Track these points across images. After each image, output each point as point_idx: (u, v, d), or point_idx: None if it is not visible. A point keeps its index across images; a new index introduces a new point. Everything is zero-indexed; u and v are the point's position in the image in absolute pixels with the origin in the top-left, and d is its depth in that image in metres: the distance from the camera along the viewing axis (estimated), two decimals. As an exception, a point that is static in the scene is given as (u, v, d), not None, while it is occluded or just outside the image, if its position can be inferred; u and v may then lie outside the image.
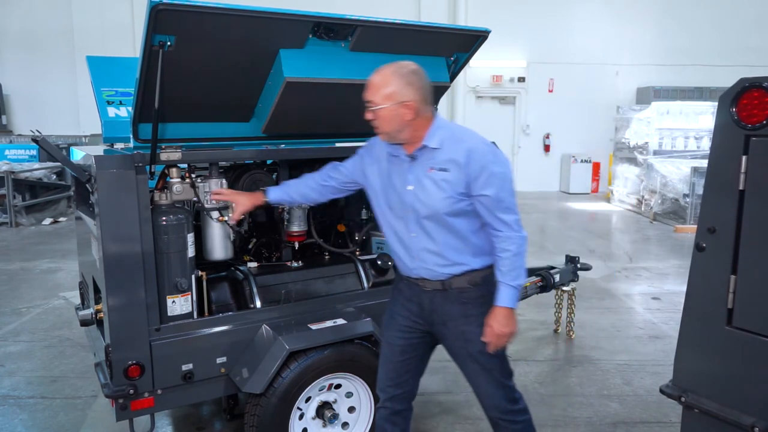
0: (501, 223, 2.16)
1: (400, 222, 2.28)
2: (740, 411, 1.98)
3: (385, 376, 2.47)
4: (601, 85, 14.23)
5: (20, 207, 9.81)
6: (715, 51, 13.92)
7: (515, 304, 2.19)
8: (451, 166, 2.15)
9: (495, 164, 2.14)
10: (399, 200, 2.26)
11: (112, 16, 12.94)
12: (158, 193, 2.60)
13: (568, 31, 13.91)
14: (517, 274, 2.17)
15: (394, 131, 2.17)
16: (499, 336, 2.18)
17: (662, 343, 4.65)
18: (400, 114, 2.13)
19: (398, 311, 2.42)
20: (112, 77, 3.86)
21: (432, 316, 2.32)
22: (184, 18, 2.18)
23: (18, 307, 5.60)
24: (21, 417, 3.54)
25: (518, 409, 2.37)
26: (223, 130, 2.77)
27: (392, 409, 2.47)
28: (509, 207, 2.17)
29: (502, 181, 2.15)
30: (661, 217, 10.06)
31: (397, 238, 2.33)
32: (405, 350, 2.41)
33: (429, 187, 2.18)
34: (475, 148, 2.15)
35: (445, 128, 2.22)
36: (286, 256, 3.14)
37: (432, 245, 2.23)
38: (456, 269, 2.25)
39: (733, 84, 2.00)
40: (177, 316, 2.59)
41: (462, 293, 2.26)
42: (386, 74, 2.13)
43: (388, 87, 2.12)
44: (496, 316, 2.18)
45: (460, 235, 2.22)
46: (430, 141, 2.18)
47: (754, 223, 1.95)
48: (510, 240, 2.16)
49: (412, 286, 2.35)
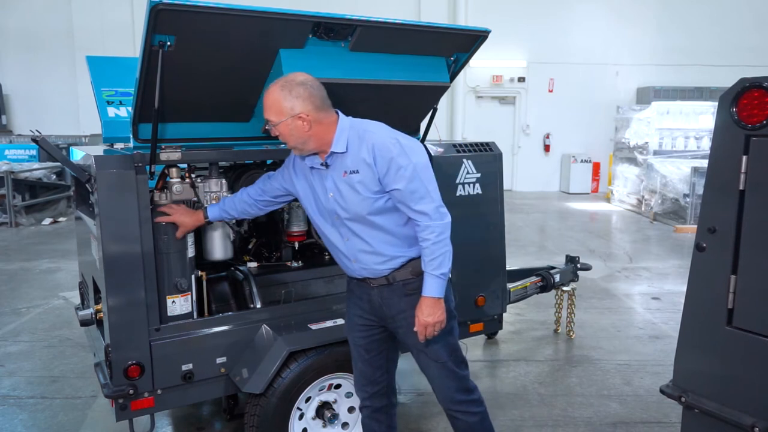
0: (417, 213, 2.16)
1: (332, 229, 2.30)
2: (740, 411, 1.98)
3: (359, 376, 2.50)
4: (601, 85, 14.23)
5: (20, 207, 9.80)
6: (715, 51, 13.92)
7: (441, 293, 2.18)
8: (361, 167, 2.15)
9: (401, 156, 2.12)
10: (325, 208, 2.28)
11: (112, 16, 12.93)
12: (158, 193, 2.60)
13: (568, 31, 13.91)
14: (440, 263, 2.16)
15: (300, 144, 2.18)
16: (426, 326, 2.18)
17: (662, 343, 4.65)
18: (297, 127, 2.13)
19: (353, 311, 2.44)
20: (112, 77, 3.85)
21: (382, 310, 2.34)
22: (184, 18, 2.18)
23: (18, 307, 5.60)
24: (21, 417, 3.53)
25: (472, 399, 2.38)
26: (223, 130, 2.77)
27: (373, 407, 2.51)
28: (423, 196, 2.14)
29: (413, 172, 2.12)
30: (661, 217, 10.06)
31: (333, 245, 2.35)
32: (369, 348, 2.44)
33: (345, 191, 2.19)
34: (379, 143, 2.14)
35: (350, 129, 2.21)
36: (286, 256, 3.14)
37: (365, 246, 2.25)
38: (395, 263, 2.27)
39: (733, 84, 2.00)
40: (177, 316, 2.59)
41: (406, 284, 2.28)
42: (274, 91, 2.13)
43: (277, 103, 2.13)
44: (422, 306, 2.19)
45: (388, 231, 2.23)
46: (336, 146, 2.18)
47: (754, 223, 1.95)
48: (429, 229, 2.15)
49: (360, 285, 2.37)
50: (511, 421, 3.43)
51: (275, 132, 2.18)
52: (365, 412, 2.54)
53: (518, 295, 4.14)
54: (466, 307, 3.36)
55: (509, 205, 8.01)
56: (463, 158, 3.26)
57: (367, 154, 2.14)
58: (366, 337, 2.43)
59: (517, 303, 4.46)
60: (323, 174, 2.26)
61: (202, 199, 2.70)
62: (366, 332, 2.43)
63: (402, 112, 3.04)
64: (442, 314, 2.20)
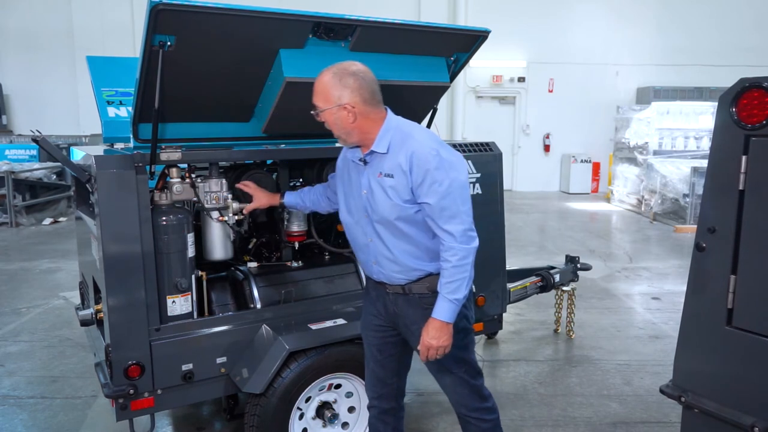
0: (444, 232, 2.06)
1: (357, 227, 2.27)
2: (740, 411, 1.98)
3: (369, 376, 2.47)
4: (601, 85, 14.23)
5: (20, 207, 9.80)
6: (715, 51, 13.92)
7: (452, 319, 2.08)
8: (396, 172, 2.09)
9: (439, 170, 2.02)
10: (356, 205, 2.24)
11: (112, 16, 12.94)
12: (158, 193, 2.60)
13: (568, 31, 13.91)
14: (456, 287, 2.05)
15: (343, 134, 2.14)
16: (428, 348, 2.10)
17: (662, 343, 4.65)
18: (342, 117, 2.09)
19: (369, 310, 2.42)
20: (112, 77, 3.86)
21: (396, 318, 2.30)
22: (184, 18, 2.18)
23: (18, 307, 5.60)
24: (21, 417, 3.53)
25: (486, 407, 2.35)
26: (223, 130, 2.77)
27: (381, 408, 2.47)
28: (454, 216, 2.04)
29: (447, 188, 2.03)
30: (661, 217, 10.05)
31: (356, 243, 2.32)
32: (382, 349, 2.41)
33: (378, 192, 2.14)
34: (419, 152, 2.04)
35: (396, 130, 2.14)
36: (286, 256, 3.14)
37: (387, 252, 2.19)
38: (412, 275, 2.20)
39: (733, 84, 2.00)
40: (177, 316, 2.59)
41: (423, 298, 2.21)
42: (325, 77, 2.09)
43: (326, 90, 2.09)
44: (429, 328, 2.09)
45: (413, 241, 2.16)
46: (377, 146, 2.13)
47: (754, 223, 1.95)
48: (452, 251, 2.05)
49: (377, 287, 2.33)
50: (511, 421, 3.43)
51: (320, 119, 2.13)
52: (373, 412, 2.51)
53: (518, 295, 4.14)
54: (466, 307, 3.36)
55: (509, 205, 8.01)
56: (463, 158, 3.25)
57: (404, 161, 2.06)
58: (380, 337, 2.39)
59: (517, 303, 4.46)
60: (360, 170, 2.21)
61: (203, 199, 2.70)
62: (380, 333, 2.39)
63: (402, 112, 3.02)
64: (447, 339, 2.10)
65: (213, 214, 2.75)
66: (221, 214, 2.76)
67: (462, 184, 2.08)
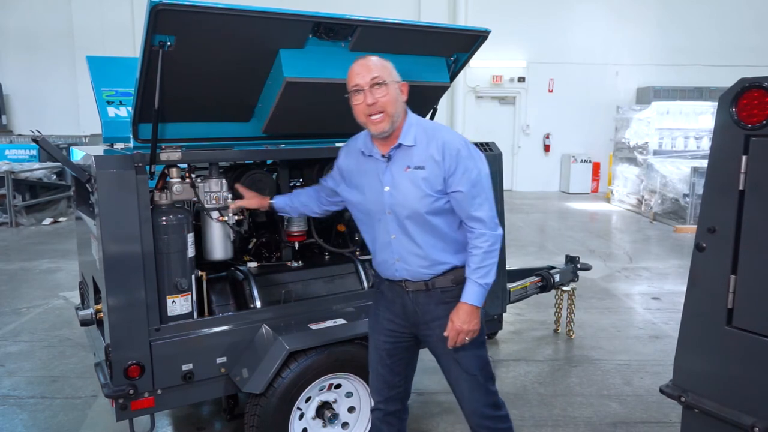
0: (474, 219, 2.13)
1: (378, 225, 2.25)
2: (740, 411, 1.98)
3: (376, 380, 2.45)
4: (601, 85, 14.23)
5: (20, 207, 9.80)
6: (715, 51, 13.92)
7: (480, 303, 2.15)
8: (428, 163, 2.12)
9: (469, 159, 2.12)
10: (376, 202, 2.22)
11: (112, 16, 12.93)
12: (158, 193, 2.60)
13: (568, 31, 13.91)
14: (486, 272, 2.13)
15: (395, 113, 2.13)
16: (459, 332, 2.14)
17: (662, 343, 4.65)
18: (398, 95, 2.14)
19: (382, 314, 2.38)
20: (112, 77, 3.86)
21: (415, 317, 2.29)
22: (184, 18, 2.18)
23: (18, 307, 5.60)
24: (21, 417, 3.53)
25: (500, 415, 2.34)
26: (223, 130, 2.77)
27: (386, 411, 2.46)
28: (483, 203, 2.13)
29: (477, 177, 2.12)
30: (661, 217, 10.05)
31: (375, 242, 2.30)
32: (392, 353, 2.38)
33: (406, 186, 2.15)
34: (450, 142, 2.13)
35: (418, 125, 2.19)
36: (286, 256, 3.14)
37: (414, 247, 2.20)
38: (438, 268, 2.22)
39: (733, 84, 2.00)
40: (177, 316, 2.59)
41: (445, 292, 2.23)
42: (375, 57, 2.14)
43: (388, 66, 2.13)
44: (459, 312, 2.14)
45: (440, 233, 2.19)
46: (404, 139, 2.16)
47: (754, 223, 1.95)
48: (483, 237, 2.13)
49: (394, 288, 2.31)
50: (511, 421, 3.43)
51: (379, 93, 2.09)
52: (377, 414, 2.49)
53: (518, 295, 4.14)
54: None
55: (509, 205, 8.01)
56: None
57: (436, 151, 2.11)
58: (392, 342, 2.37)
59: (517, 303, 4.46)
60: (381, 167, 2.21)
61: (203, 199, 2.70)
62: (393, 338, 2.37)
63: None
64: (477, 323, 2.15)
65: (213, 214, 2.75)
66: (221, 214, 2.76)
67: (488, 174, 2.19)
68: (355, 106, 2.16)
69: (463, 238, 2.21)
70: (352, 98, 2.15)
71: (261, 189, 2.89)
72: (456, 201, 2.14)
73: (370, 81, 2.09)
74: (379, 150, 2.21)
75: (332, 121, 2.98)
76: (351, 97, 2.15)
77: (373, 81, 2.09)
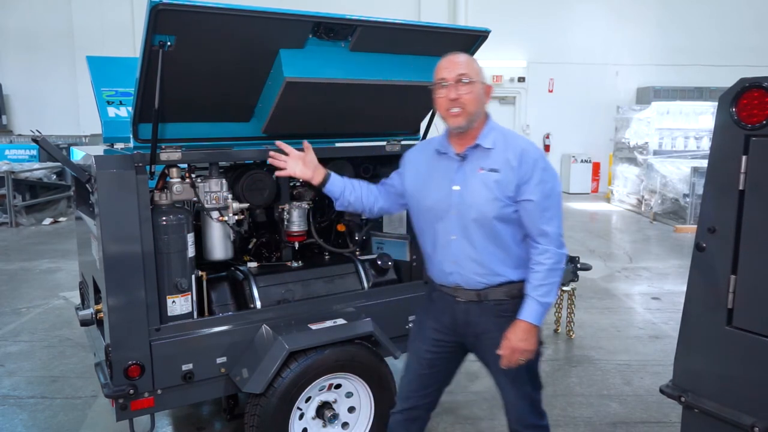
0: (541, 234, 2.09)
1: (439, 224, 2.19)
2: (740, 411, 1.98)
3: (408, 387, 2.39)
4: (601, 85, 14.23)
5: (20, 207, 9.81)
6: (715, 51, 13.92)
7: (539, 322, 2.08)
8: (503, 168, 2.09)
9: (545, 171, 2.10)
10: (441, 201, 2.17)
11: (112, 16, 12.93)
12: (158, 193, 2.60)
13: (568, 31, 13.91)
14: (548, 290, 2.07)
15: (475, 113, 2.12)
16: (514, 351, 2.08)
17: (662, 343, 4.65)
18: (482, 96, 2.14)
19: (429, 324, 2.32)
20: (112, 77, 3.85)
21: (465, 328, 2.23)
22: (184, 18, 2.18)
23: (18, 307, 5.60)
24: (21, 417, 3.54)
25: (542, 425, 2.31)
26: (223, 130, 2.77)
27: (410, 416, 2.40)
28: (552, 218, 2.09)
29: (551, 190, 2.09)
30: (661, 217, 10.05)
31: (433, 242, 2.23)
32: (433, 363, 2.33)
33: (477, 187, 2.11)
34: (529, 151, 2.11)
35: (497, 130, 2.18)
36: (286, 256, 3.14)
37: (472, 252, 2.14)
38: (494, 279, 2.15)
39: (733, 84, 2.00)
40: (177, 316, 2.59)
41: (498, 305, 2.16)
42: (464, 55, 2.15)
43: (475, 65, 2.13)
44: (516, 330, 2.08)
45: (503, 243, 2.13)
46: (483, 140, 2.14)
47: (754, 223, 1.95)
48: (547, 254, 2.08)
49: (445, 297, 2.25)
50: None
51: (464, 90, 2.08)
52: (398, 417, 2.41)
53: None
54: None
55: (509, 205, 7.98)
56: (463, 158, 3.26)
57: (513, 157, 2.09)
58: (435, 353, 2.31)
59: (517, 303, 4.46)
60: (453, 166, 2.18)
61: (203, 199, 2.70)
62: (437, 348, 2.31)
63: (402, 112, 3.04)
64: (534, 343, 2.10)
65: (213, 214, 2.75)
66: (221, 214, 2.76)
67: (560, 193, 2.17)
68: (438, 99, 2.15)
69: (524, 254, 2.15)
70: (435, 91, 2.15)
71: (261, 189, 2.89)
72: (526, 211, 2.09)
73: (456, 77, 2.09)
74: (454, 149, 2.19)
75: (332, 121, 2.98)
76: (435, 90, 2.16)
77: (459, 77, 2.09)
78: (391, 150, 3.11)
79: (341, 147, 3.09)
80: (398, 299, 3.06)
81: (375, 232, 3.35)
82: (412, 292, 3.10)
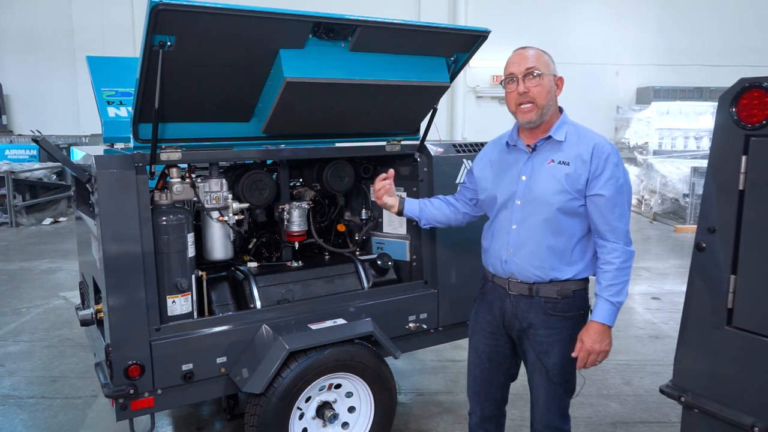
0: (610, 230, 2.08)
1: (502, 212, 2.21)
2: (740, 411, 1.98)
3: (473, 382, 2.41)
4: (601, 85, 14.22)
5: (20, 207, 9.81)
6: (715, 51, 13.92)
7: (612, 322, 2.08)
8: (573, 161, 2.09)
9: (618, 167, 2.09)
10: (507, 191, 2.19)
11: (112, 16, 12.94)
12: (158, 193, 2.60)
13: (568, 31, 13.91)
14: (619, 290, 2.08)
15: (546, 106, 2.12)
16: (590, 352, 2.08)
17: (662, 343, 4.65)
18: (553, 89, 2.14)
19: (483, 315, 2.35)
20: (112, 77, 3.86)
21: (513, 321, 2.24)
22: (184, 18, 2.18)
23: (18, 307, 5.60)
24: (21, 417, 3.54)
25: (565, 429, 2.33)
26: (223, 130, 2.77)
27: (482, 415, 2.41)
28: (623, 215, 2.08)
29: (622, 186, 2.08)
30: (661, 217, 10.05)
31: (494, 231, 2.25)
32: (491, 356, 2.34)
33: (545, 178, 2.11)
34: (602, 146, 2.10)
35: (570, 124, 2.19)
36: (286, 256, 3.14)
37: (531, 242, 2.14)
38: (548, 274, 2.15)
39: (733, 84, 2.00)
40: (177, 316, 2.59)
41: (548, 303, 2.17)
42: (533, 48, 2.14)
43: (545, 57, 2.13)
44: (590, 332, 2.08)
45: (562, 237, 2.12)
46: (556, 133, 2.14)
47: (754, 223, 1.95)
48: (616, 252, 2.08)
49: (496, 289, 2.27)
50: (511, 421, 3.41)
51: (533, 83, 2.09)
52: (473, 419, 2.44)
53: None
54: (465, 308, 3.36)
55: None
56: (463, 158, 3.26)
57: (584, 151, 2.09)
58: (492, 345, 2.33)
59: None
60: (522, 158, 2.19)
61: (203, 199, 2.70)
62: (492, 341, 2.33)
63: (402, 112, 3.04)
64: (609, 344, 2.10)
65: (213, 214, 2.75)
66: (221, 214, 2.76)
67: (630, 191, 2.14)
68: (508, 94, 2.16)
69: (580, 252, 2.16)
70: (505, 86, 2.16)
71: (261, 189, 2.89)
72: (595, 206, 2.08)
73: (524, 71, 2.10)
74: (524, 141, 2.19)
75: (332, 121, 2.98)
76: (505, 85, 2.17)
77: (527, 71, 2.09)
78: (391, 150, 3.11)
79: (341, 147, 3.09)
80: (398, 299, 3.06)
81: (375, 232, 3.35)
82: (412, 292, 3.10)
